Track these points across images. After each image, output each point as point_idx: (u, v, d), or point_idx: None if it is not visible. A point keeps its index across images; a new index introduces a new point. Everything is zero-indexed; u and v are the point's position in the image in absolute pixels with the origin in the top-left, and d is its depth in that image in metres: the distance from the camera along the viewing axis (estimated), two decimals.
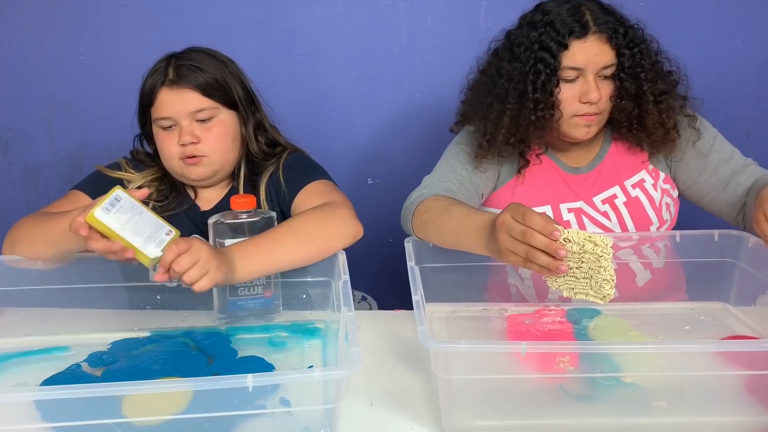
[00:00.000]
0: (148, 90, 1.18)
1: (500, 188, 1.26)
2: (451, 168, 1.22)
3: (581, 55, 1.13)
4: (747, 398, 0.84)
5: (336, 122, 1.85)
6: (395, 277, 1.93)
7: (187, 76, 1.16)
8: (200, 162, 1.17)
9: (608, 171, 1.25)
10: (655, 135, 1.19)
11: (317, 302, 1.11)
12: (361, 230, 1.10)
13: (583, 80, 1.15)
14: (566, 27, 1.13)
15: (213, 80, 1.18)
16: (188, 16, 1.75)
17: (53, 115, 1.82)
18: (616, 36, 1.13)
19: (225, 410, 0.74)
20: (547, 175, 1.25)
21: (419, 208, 1.11)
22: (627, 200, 1.23)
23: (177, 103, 1.15)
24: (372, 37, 1.79)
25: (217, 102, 1.18)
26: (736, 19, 1.79)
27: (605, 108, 1.17)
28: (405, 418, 0.87)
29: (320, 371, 0.74)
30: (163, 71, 1.17)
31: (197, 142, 1.16)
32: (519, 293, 1.25)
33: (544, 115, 1.16)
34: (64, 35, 1.76)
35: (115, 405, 0.71)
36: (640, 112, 1.18)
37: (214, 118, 1.18)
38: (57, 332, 1.02)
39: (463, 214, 1.03)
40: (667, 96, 1.18)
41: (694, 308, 1.13)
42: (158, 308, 1.09)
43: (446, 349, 0.79)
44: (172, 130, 1.17)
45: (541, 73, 1.14)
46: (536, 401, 0.85)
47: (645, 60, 1.15)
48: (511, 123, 1.18)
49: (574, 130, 1.18)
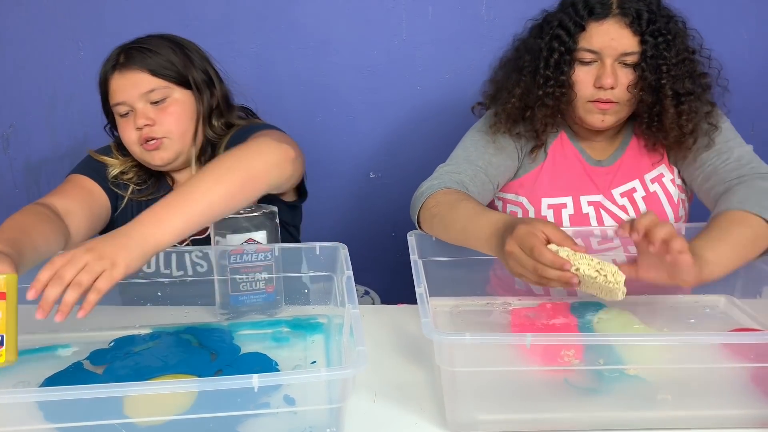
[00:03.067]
0: (102, 78, 1.18)
1: (523, 176, 1.25)
2: (468, 157, 1.20)
3: (598, 38, 1.11)
4: (753, 391, 0.83)
5: (337, 115, 1.84)
6: (398, 271, 1.93)
7: (135, 58, 1.15)
8: (160, 145, 1.16)
9: (628, 164, 1.23)
10: (671, 135, 1.14)
11: (319, 297, 1.10)
12: (289, 150, 1.02)
13: (600, 64, 1.12)
14: (587, 8, 1.11)
15: (164, 61, 1.16)
16: (189, 9, 1.75)
17: (54, 110, 1.82)
18: (639, 21, 1.09)
19: (229, 410, 0.73)
20: (570, 164, 1.24)
21: (429, 201, 1.10)
22: (646, 195, 1.22)
23: (128, 87, 1.15)
24: (373, 30, 1.78)
25: (169, 81, 1.16)
26: (741, 10, 1.78)
27: (623, 98, 1.13)
28: (409, 412, 0.86)
29: (326, 371, 0.73)
30: (114, 57, 1.17)
31: (152, 124, 1.15)
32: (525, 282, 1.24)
33: (554, 92, 1.14)
34: (64, 30, 1.75)
35: (117, 405, 0.71)
36: (660, 109, 1.13)
37: (167, 98, 1.16)
38: (58, 330, 1.01)
39: (469, 214, 1.02)
40: (691, 98, 1.12)
41: (698, 301, 1.12)
42: (159, 304, 1.08)
43: (450, 341, 0.78)
44: (128, 117, 1.17)
45: (555, 51, 1.13)
46: (540, 394, 0.85)
47: (669, 52, 1.10)
48: (522, 95, 1.17)
49: (588, 116, 1.16)
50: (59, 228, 1.04)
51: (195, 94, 1.19)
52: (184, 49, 1.20)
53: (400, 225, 1.22)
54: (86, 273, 0.81)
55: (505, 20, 1.76)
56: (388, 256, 1.93)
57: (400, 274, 1.21)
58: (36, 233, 0.98)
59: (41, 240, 0.98)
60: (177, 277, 1.11)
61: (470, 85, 1.80)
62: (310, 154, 1.84)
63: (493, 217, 0.99)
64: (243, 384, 0.70)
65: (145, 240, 0.86)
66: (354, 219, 1.94)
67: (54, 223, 1.03)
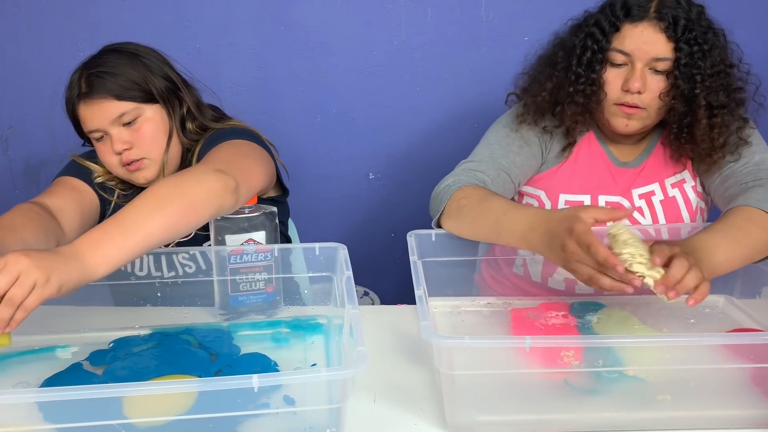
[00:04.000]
0: (69, 107, 1.17)
1: (545, 171, 1.24)
2: (492, 155, 1.19)
3: (630, 40, 1.10)
4: (753, 391, 0.84)
5: (336, 117, 1.84)
6: (398, 272, 1.93)
7: (97, 86, 1.12)
8: (142, 165, 1.16)
9: (652, 166, 1.23)
10: (701, 147, 1.13)
11: (319, 298, 1.10)
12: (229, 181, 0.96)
13: (630, 68, 1.11)
14: (624, 8, 1.11)
15: (126, 81, 1.13)
16: (187, 10, 1.75)
17: (53, 111, 1.82)
18: (675, 27, 1.08)
19: (229, 410, 0.73)
20: (595, 163, 1.23)
21: (458, 193, 1.10)
22: (664, 199, 1.21)
23: (96, 114, 1.13)
24: (372, 31, 1.78)
25: (136, 102, 1.14)
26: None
27: (652, 105, 1.12)
28: (408, 413, 0.86)
29: (326, 371, 0.74)
30: (76, 85, 1.15)
31: (130, 147, 1.14)
32: (524, 266, 1.24)
33: (584, 90, 1.14)
34: (62, 31, 1.75)
35: (117, 405, 0.71)
36: (691, 120, 1.12)
37: (138, 118, 1.15)
38: (58, 331, 1.02)
39: (503, 208, 1.02)
40: (725, 111, 1.11)
41: None
42: (159, 305, 1.08)
43: (449, 345, 0.79)
44: (105, 140, 1.16)
45: (588, 50, 1.13)
46: (540, 396, 0.85)
47: (705, 62, 1.08)
48: (554, 89, 1.17)
49: (613, 119, 1.16)
50: (50, 225, 1.04)
51: (163, 106, 1.17)
52: (142, 61, 1.17)
53: (400, 226, 1.22)
54: (18, 287, 0.77)
55: (505, 21, 1.76)
56: (387, 256, 1.93)
57: (400, 275, 1.21)
58: (26, 231, 0.98)
59: (31, 237, 0.98)
60: (176, 278, 1.11)
61: (469, 86, 1.81)
62: (309, 155, 1.86)
63: (529, 211, 0.99)
64: (243, 384, 0.70)
65: (82, 268, 0.82)
66: (353, 220, 1.94)
67: (45, 220, 1.03)
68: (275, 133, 1.30)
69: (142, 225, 0.88)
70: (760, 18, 1.77)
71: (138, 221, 0.88)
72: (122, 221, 0.87)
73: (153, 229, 0.88)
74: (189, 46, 1.76)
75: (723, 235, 0.96)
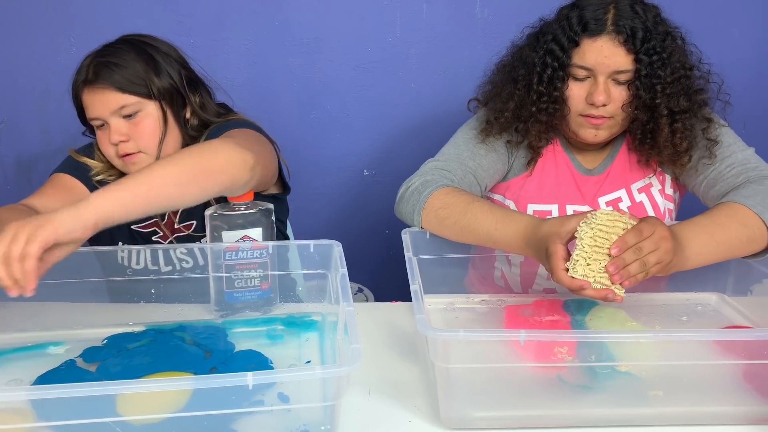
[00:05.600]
0: (74, 92, 1.17)
1: (512, 179, 1.25)
2: (459, 156, 1.19)
3: (591, 55, 1.10)
4: (744, 388, 0.84)
5: (331, 113, 1.84)
6: (392, 269, 1.93)
7: (102, 75, 1.12)
8: (136, 159, 1.16)
9: (617, 173, 1.23)
10: (664, 153, 1.14)
11: (313, 295, 1.10)
12: (248, 157, 0.99)
13: (593, 81, 1.11)
14: (582, 24, 1.10)
15: (132, 76, 1.13)
16: (182, 5, 1.74)
17: (46, 106, 1.81)
18: (634, 40, 1.08)
19: (223, 407, 0.73)
20: (560, 172, 1.23)
21: (433, 202, 1.08)
22: (631, 205, 1.21)
23: (98, 103, 1.13)
24: (367, 27, 1.78)
25: (139, 96, 1.14)
26: (732, 8, 1.79)
27: (617, 114, 1.13)
28: (403, 410, 0.87)
29: (320, 369, 0.74)
30: (84, 70, 1.15)
31: (127, 140, 1.14)
32: (503, 278, 1.24)
33: (547, 108, 1.14)
34: (56, 26, 1.74)
35: (110, 403, 0.71)
36: (653, 127, 1.12)
37: (139, 112, 1.14)
38: (51, 327, 1.01)
39: (490, 220, 1.02)
40: (687, 115, 1.11)
41: (690, 299, 1.13)
42: (153, 302, 1.08)
43: (444, 338, 0.79)
44: (105, 129, 1.16)
45: (548, 67, 1.13)
46: (534, 391, 0.85)
47: (664, 71, 1.09)
48: (516, 109, 1.17)
49: (580, 130, 1.16)
50: None
51: (165, 104, 1.17)
52: (154, 56, 1.17)
53: (394, 222, 1.22)
54: (13, 243, 0.78)
55: (499, 18, 1.76)
56: (381, 253, 1.93)
57: (394, 272, 1.21)
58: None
59: None
60: (171, 274, 1.11)
61: (464, 83, 1.80)
62: (304, 151, 1.86)
63: (518, 223, 1.00)
64: (237, 382, 0.70)
65: (87, 204, 0.84)
66: (348, 216, 1.94)
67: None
68: (269, 129, 1.30)
69: (154, 179, 0.90)
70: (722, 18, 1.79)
71: (153, 176, 0.90)
72: (137, 175, 0.90)
73: (164, 182, 0.90)
74: (183, 42, 1.73)
75: (700, 229, 0.97)
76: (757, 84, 1.84)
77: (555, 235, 0.91)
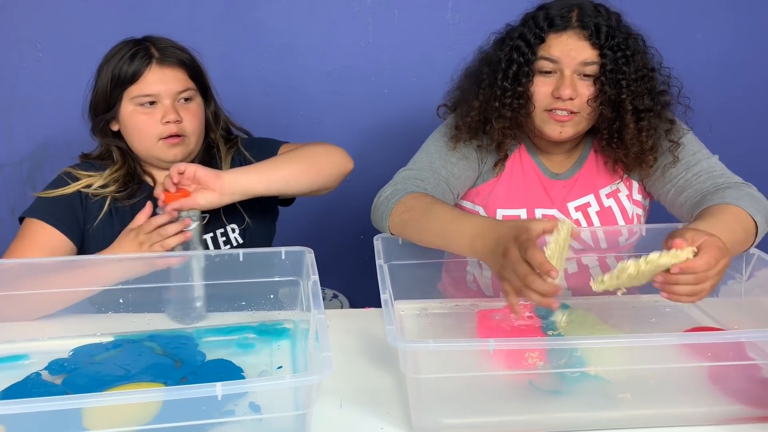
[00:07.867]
0: (128, 71, 1.16)
1: (481, 185, 1.25)
2: (431, 164, 1.20)
3: (557, 48, 1.12)
4: (710, 389, 0.86)
5: (304, 119, 1.83)
6: (367, 274, 1.92)
7: (173, 56, 1.19)
8: (181, 142, 1.20)
9: (585, 178, 1.24)
10: (631, 152, 1.15)
11: (285, 302, 1.10)
12: (350, 164, 1.25)
13: (560, 75, 1.13)
14: (547, 20, 1.12)
15: (196, 65, 1.23)
16: (151, 10, 1.72)
17: (11, 114, 1.77)
18: (598, 34, 1.10)
19: (194, 418, 0.72)
20: (527, 177, 1.24)
21: (398, 207, 1.09)
22: (600, 209, 1.22)
23: (165, 81, 1.17)
24: (339, 33, 1.78)
25: (196, 86, 1.23)
26: (697, 14, 1.83)
27: (582, 110, 1.14)
28: (375, 417, 0.86)
29: (291, 377, 0.73)
30: (145, 50, 1.18)
31: (181, 121, 1.18)
32: (476, 282, 1.25)
33: (511, 104, 1.15)
34: (21, 32, 1.71)
35: (77, 417, 0.69)
36: (620, 125, 1.14)
37: (193, 100, 1.22)
38: (14, 339, 0.99)
39: (447, 218, 1.02)
40: (651, 114, 1.13)
41: (658, 300, 1.13)
42: (121, 311, 1.06)
43: (414, 348, 0.79)
44: (152, 108, 1.18)
45: (514, 63, 1.14)
46: (505, 397, 0.85)
47: (629, 67, 1.11)
48: (480, 107, 1.18)
49: (546, 127, 1.16)
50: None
51: (206, 102, 1.26)
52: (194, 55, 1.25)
53: (368, 227, 1.22)
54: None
55: (470, 24, 1.77)
56: (356, 258, 1.92)
57: (369, 277, 1.21)
58: None
59: None
60: (140, 283, 1.09)
61: (436, 88, 1.80)
62: None
63: (479, 219, 0.99)
64: (206, 392, 0.69)
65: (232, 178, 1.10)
66: (322, 222, 1.93)
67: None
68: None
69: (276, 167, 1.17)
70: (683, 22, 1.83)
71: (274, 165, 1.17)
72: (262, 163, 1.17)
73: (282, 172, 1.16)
74: None
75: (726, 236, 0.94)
76: (721, 88, 1.88)
77: (523, 228, 0.88)
